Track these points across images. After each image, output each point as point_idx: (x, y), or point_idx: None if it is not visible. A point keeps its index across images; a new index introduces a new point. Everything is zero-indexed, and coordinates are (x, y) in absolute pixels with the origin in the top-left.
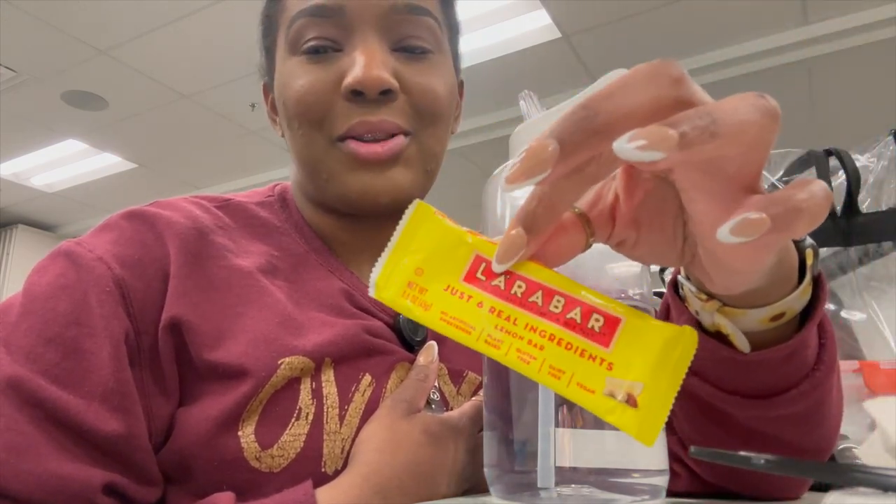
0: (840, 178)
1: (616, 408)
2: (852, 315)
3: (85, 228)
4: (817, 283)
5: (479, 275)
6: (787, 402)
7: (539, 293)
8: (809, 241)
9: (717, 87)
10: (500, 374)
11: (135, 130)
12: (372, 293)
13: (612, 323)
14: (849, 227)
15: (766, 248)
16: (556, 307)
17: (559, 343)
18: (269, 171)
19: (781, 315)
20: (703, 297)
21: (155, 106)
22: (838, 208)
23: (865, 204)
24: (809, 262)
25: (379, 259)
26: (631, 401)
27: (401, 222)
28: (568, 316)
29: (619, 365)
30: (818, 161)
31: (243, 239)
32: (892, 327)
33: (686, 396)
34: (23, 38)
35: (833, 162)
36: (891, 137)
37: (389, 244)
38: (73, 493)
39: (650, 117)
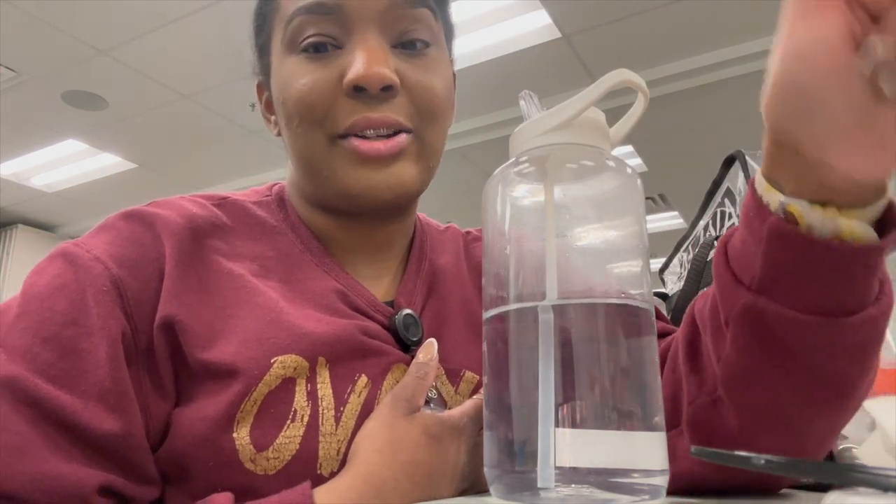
0: None
1: None
2: None
3: (85, 228)
4: None
5: None
6: (856, 326)
7: None
8: None
9: (717, 87)
10: (501, 374)
11: (135, 130)
12: None
13: None
14: None
15: None
16: None
17: None
18: (269, 171)
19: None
20: (819, 206)
21: (155, 106)
22: None
23: None
24: None
25: None
26: None
27: None
28: None
29: None
30: None
31: (238, 239)
32: (895, 327)
33: (749, 322)
34: (23, 38)
35: None
36: None
37: None
38: (68, 494)
39: None
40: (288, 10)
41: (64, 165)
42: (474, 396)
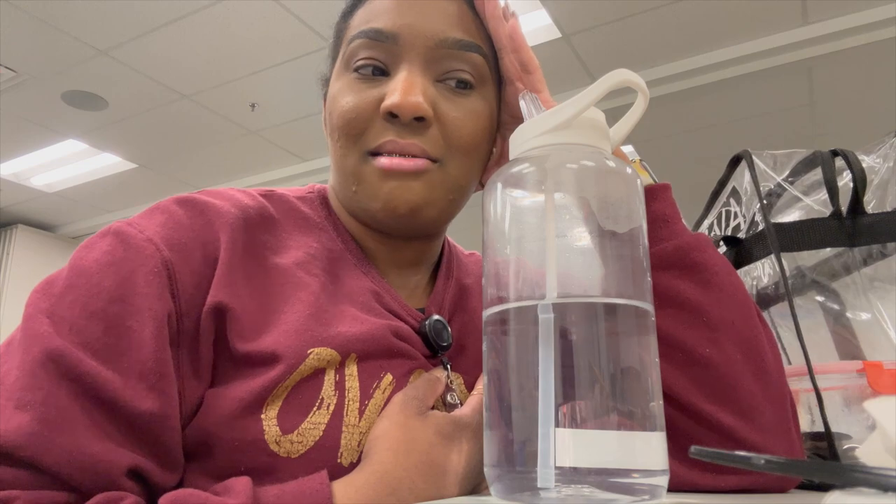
0: (846, 179)
1: None
2: (857, 315)
3: (85, 228)
4: None
5: None
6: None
7: None
8: None
9: (718, 87)
10: (501, 374)
11: (135, 130)
12: None
13: None
14: (854, 227)
15: None
16: None
17: None
18: (269, 171)
19: None
20: None
21: (155, 106)
22: (843, 209)
23: (871, 205)
24: None
25: None
26: None
27: None
28: None
29: None
30: (824, 161)
31: (284, 231)
32: None
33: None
34: (23, 38)
35: (839, 163)
36: None
37: None
38: (98, 472)
39: None
40: (352, 31)
41: (64, 165)
42: (478, 392)
